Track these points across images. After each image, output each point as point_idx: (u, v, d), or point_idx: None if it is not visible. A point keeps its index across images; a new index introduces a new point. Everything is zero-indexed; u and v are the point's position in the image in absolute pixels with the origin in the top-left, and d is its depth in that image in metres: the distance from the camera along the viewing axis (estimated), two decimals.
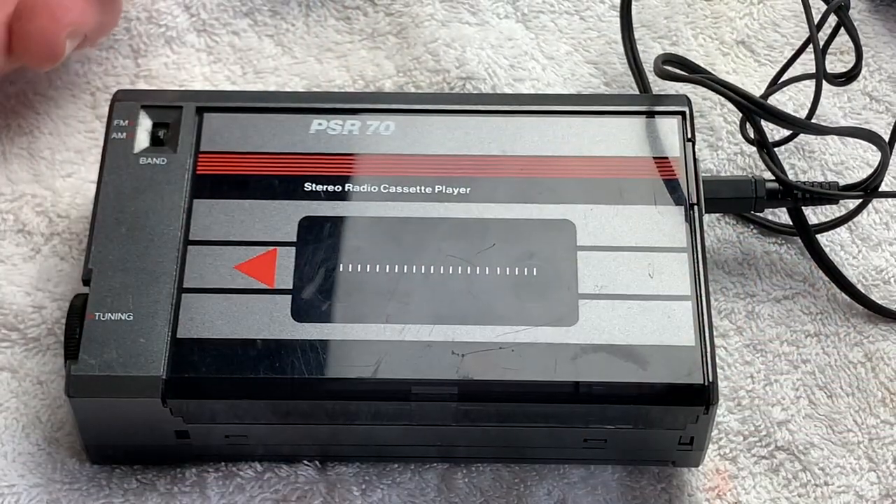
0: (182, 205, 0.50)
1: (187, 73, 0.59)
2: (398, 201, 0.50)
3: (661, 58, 0.54)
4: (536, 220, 0.50)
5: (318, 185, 0.50)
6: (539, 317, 0.47)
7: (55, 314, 0.53)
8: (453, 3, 0.61)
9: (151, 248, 0.49)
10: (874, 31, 0.60)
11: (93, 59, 0.59)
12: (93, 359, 0.46)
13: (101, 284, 0.48)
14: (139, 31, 0.60)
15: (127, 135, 0.51)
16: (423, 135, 0.52)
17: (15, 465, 0.49)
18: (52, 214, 0.55)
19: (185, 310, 0.47)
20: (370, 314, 0.47)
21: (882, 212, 0.56)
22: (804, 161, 0.57)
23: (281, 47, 0.60)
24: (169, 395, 0.46)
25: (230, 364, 0.47)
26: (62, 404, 0.51)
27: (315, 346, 0.47)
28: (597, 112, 0.52)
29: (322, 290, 0.48)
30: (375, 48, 0.60)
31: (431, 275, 0.48)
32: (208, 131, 0.52)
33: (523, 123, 0.52)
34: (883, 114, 0.58)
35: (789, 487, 0.50)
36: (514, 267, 0.49)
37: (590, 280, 0.48)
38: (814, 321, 0.54)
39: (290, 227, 0.49)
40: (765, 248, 0.55)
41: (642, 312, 0.48)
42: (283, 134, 0.52)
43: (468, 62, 0.59)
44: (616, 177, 0.51)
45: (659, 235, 0.49)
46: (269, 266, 0.49)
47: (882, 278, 0.55)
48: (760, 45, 0.60)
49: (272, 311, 0.47)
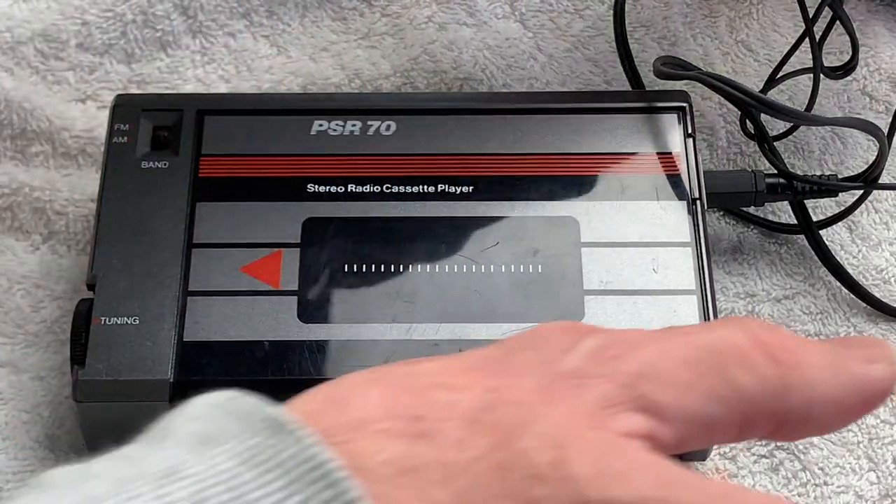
0: (185, 208, 0.50)
1: (180, 76, 0.59)
2: (401, 201, 0.51)
3: (660, 60, 0.55)
4: (540, 217, 0.50)
5: (321, 187, 0.51)
6: (545, 313, 0.48)
7: (55, 313, 0.53)
8: (450, 4, 0.61)
9: (155, 251, 0.49)
10: (873, 31, 0.61)
11: (86, 65, 0.59)
12: (100, 363, 0.47)
13: (106, 289, 0.49)
14: (135, 36, 0.60)
15: (128, 139, 0.52)
16: (424, 134, 0.52)
17: (16, 461, 0.50)
18: (51, 213, 0.55)
19: (192, 313, 0.48)
20: (376, 314, 0.48)
21: (882, 211, 0.57)
22: (804, 160, 0.58)
23: (276, 48, 0.61)
24: (177, 398, 0.47)
25: (237, 366, 0.47)
26: (63, 401, 0.51)
27: (322, 347, 0.48)
28: (597, 109, 0.53)
29: (327, 290, 0.49)
30: (371, 48, 0.60)
31: (437, 274, 0.49)
32: (209, 134, 0.52)
33: (525, 122, 0.53)
34: (882, 113, 0.59)
35: (789, 487, 0.50)
36: (518, 264, 0.49)
37: (594, 276, 0.49)
38: (814, 321, 0.54)
39: (294, 229, 0.50)
40: (765, 247, 0.56)
41: (648, 307, 0.48)
42: (285, 136, 0.52)
43: (465, 63, 0.59)
44: (618, 173, 0.52)
45: (662, 230, 0.50)
46: (274, 268, 0.49)
47: (882, 278, 0.55)
48: (759, 44, 0.61)
49: (278, 313, 0.48)
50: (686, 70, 0.55)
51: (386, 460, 0.31)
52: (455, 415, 0.33)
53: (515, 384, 0.34)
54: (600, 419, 0.34)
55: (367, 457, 0.31)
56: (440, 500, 0.31)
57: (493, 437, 0.32)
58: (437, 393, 0.33)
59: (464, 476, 0.31)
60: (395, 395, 0.33)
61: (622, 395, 0.34)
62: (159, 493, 0.30)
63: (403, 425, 0.32)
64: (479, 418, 0.33)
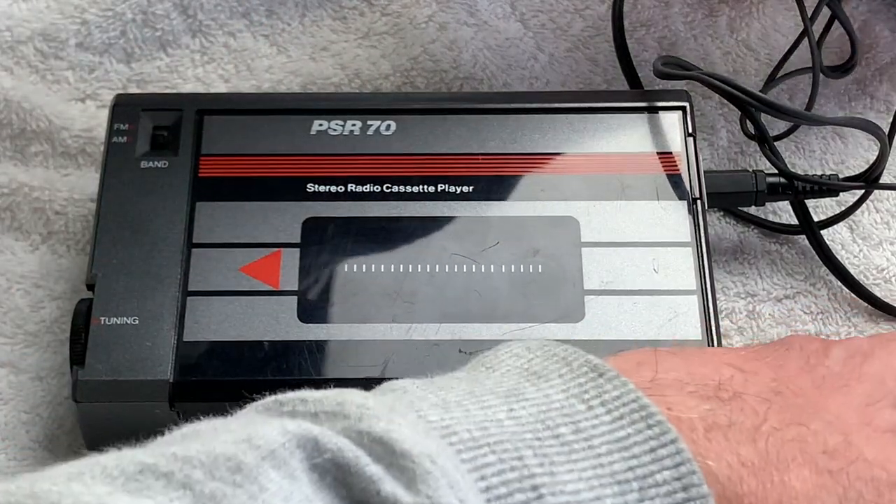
0: (184, 208, 0.50)
1: (180, 76, 0.59)
2: (401, 201, 0.51)
3: (660, 60, 0.55)
4: (540, 217, 0.50)
5: (321, 186, 0.51)
6: (545, 313, 0.48)
7: (54, 313, 0.53)
8: (451, 3, 0.61)
9: (155, 251, 0.50)
10: (874, 31, 0.61)
11: (85, 64, 0.59)
12: (99, 363, 0.47)
13: (105, 289, 0.49)
14: (134, 35, 0.60)
15: (127, 139, 0.52)
16: (424, 134, 0.53)
17: (15, 461, 0.50)
18: (50, 212, 0.55)
19: (191, 313, 0.48)
20: (376, 314, 0.48)
21: (883, 211, 0.57)
22: (805, 160, 0.58)
23: (276, 47, 0.61)
24: (177, 398, 0.47)
25: (237, 366, 0.47)
26: (62, 401, 0.51)
27: (322, 347, 0.48)
28: (598, 109, 0.53)
29: (327, 290, 0.49)
30: (371, 47, 0.60)
31: (437, 274, 0.49)
32: (209, 134, 0.52)
33: (525, 121, 0.53)
34: (883, 113, 0.59)
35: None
36: (518, 264, 0.49)
37: (595, 276, 0.49)
38: (814, 321, 0.54)
39: (294, 229, 0.50)
40: (765, 247, 0.56)
41: (648, 307, 0.48)
42: (285, 135, 0.52)
43: (465, 63, 0.59)
44: (618, 173, 0.52)
45: (663, 230, 0.50)
46: (273, 268, 0.49)
47: (883, 277, 0.55)
48: (760, 44, 0.61)
49: (278, 313, 0.48)
50: (686, 70, 0.55)
51: (698, 416, 0.38)
52: (750, 391, 0.39)
53: (794, 378, 0.42)
54: (867, 415, 0.42)
55: (680, 410, 0.38)
56: (746, 456, 0.37)
57: (785, 414, 0.39)
58: (730, 370, 0.40)
59: (764, 441, 0.38)
60: (695, 366, 0.40)
61: (878, 392, 0.43)
62: (508, 406, 0.36)
63: (710, 391, 0.39)
64: (771, 399, 0.40)
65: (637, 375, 0.38)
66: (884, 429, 0.42)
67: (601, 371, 0.37)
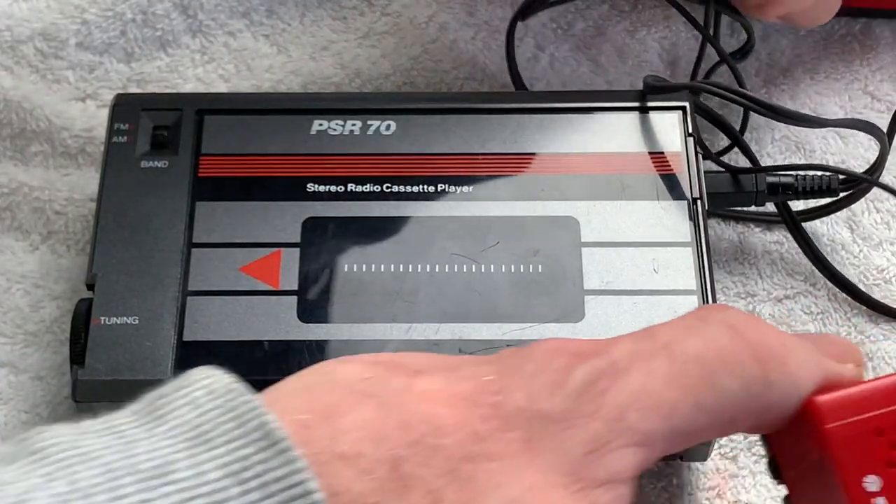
0: (184, 208, 0.50)
1: (180, 76, 0.59)
2: (401, 201, 0.51)
3: (650, 77, 0.54)
4: (540, 216, 0.50)
5: (321, 186, 0.51)
6: (545, 313, 0.48)
7: (54, 312, 0.53)
8: (451, 3, 0.61)
9: (155, 251, 0.50)
10: (874, 31, 0.61)
11: (86, 64, 0.59)
12: (99, 363, 0.47)
13: (105, 289, 0.49)
14: (134, 35, 0.60)
15: (127, 138, 0.52)
16: (424, 134, 0.53)
17: None
18: (50, 212, 0.55)
19: (191, 312, 0.48)
20: (376, 314, 0.48)
21: (883, 211, 0.57)
22: (805, 160, 0.58)
23: (276, 47, 0.61)
24: None
25: (237, 366, 0.47)
26: (62, 401, 0.52)
27: (322, 347, 0.48)
28: (598, 108, 0.54)
29: (327, 290, 0.49)
30: (372, 47, 0.61)
31: (436, 273, 0.49)
32: (209, 134, 0.52)
33: (525, 121, 0.53)
34: (884, 113, 0.59)
35: None
36: (518, 264, 0.49)
37: (595, 276, 0.49)
38: (814, 321, 0.55)
39: (294, 229, 0.50)
40: (765, 247, 0.56)
41: (648, 308, 0.48)
42: (285, 135, 0.52)
43: (465, 63, 0.59)
44: (618, 172, 0.52)
45: (663, 230, 0.50)
46: (273, 267, 0.49)
47: (883, 278, 0.55)
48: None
49: (278, 313, 0.48)
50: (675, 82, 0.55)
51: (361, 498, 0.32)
52: (436, 462, 0.34)
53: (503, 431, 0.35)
54: (585, 469, 0.35)
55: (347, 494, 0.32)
56: None
57: (464, 493, 0.33)
58: (425, 427, 0.34)
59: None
60: (385, 421, 0.34)
61: (610, 433, 0.35)
62: (145, 496, 0.30)
63: (385, 471, 0.33)
64: (459, 469, 0.34)
65: (317, 437, 0.33)
66: (601, 480, 0.35)
67: (273, 440, 0.32)
